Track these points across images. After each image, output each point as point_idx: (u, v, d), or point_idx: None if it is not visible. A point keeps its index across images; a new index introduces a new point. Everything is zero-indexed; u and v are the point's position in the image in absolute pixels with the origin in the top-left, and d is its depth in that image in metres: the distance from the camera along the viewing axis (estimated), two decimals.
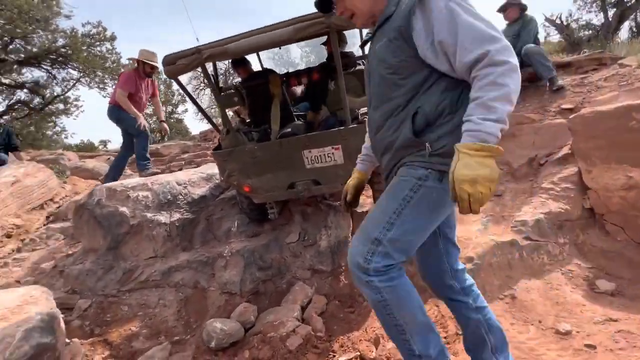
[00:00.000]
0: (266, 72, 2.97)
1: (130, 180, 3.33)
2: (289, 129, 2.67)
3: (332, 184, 2.55)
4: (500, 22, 4.90)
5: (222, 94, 2.85)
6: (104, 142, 16.40)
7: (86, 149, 14.00)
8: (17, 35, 6.38)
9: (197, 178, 3.39)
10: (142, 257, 2.96)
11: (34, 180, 4.30)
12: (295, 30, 1.86)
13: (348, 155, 2.37)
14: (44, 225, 4.09)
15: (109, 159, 9.92)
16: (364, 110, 2.46)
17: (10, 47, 6.65)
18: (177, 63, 2.07)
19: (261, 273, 2.76)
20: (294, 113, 3.23)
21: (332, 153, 2.38)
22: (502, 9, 4.24)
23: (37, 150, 9.18)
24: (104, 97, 9.29)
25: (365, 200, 3.56)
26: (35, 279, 3.05)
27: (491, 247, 2.22)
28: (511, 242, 2.25)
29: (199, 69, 2.95)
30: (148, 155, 3.81)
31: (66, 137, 10.15)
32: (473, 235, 2.50)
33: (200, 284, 2.87)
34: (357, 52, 4.20)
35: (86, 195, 3.25)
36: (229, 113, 3.79)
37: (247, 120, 3.17)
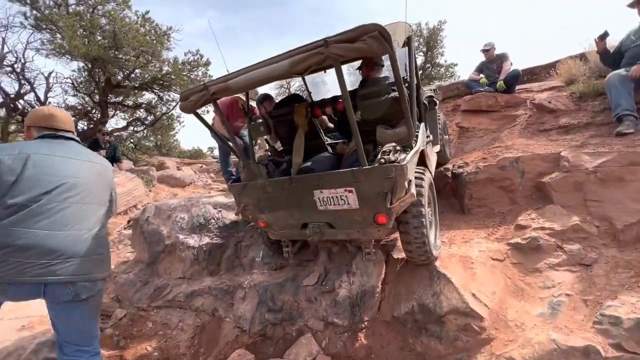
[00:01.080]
0: (294, 100, 2.83)
1: (176, 200, 3.59)
2: (309, 163, 2.45)
3: (347, 230, 2.22)
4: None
5: (251, 123, 2.82)
6: (211, 149, 18.93)
7: (195, 156, 16.43)
8: (137, 67, 7.83)
9: (234, 202, 3.44)
10: (173, 276, 3.12)
11: (122, 189, 5.07)
12: (290, 64, 1.66)
13: (363, 200, 2.02)
14: (124, 229, 4.77)
15: (201, 166, 11.35)
16: (387, 147, 2.07)
17: (132, 76, 8.21)
18: (189, 99, 2.08)
19: (270, 315, 2.58)
20: (328, 143, 3.00)
21: (346, 196, 2.06)
22: (636, 3, 3.17)
23: (150, 158, 11.03)
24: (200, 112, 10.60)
25: None
26: None
27: (550, 351, 1.56)
28: (586, 350, 1.54)
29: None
30: (230, 169, 4.50)
31: (172, 148, 11.98)
32: (529, 322, 1.83)
33: (218, 312, 2.84)
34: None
35: (141, 210, 3.63)
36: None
37: (280, 149, 3.08)
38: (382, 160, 1.91)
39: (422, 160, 2.58)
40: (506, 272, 2.29)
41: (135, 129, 9.94)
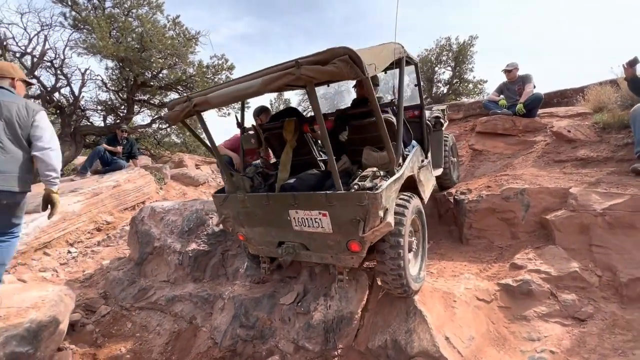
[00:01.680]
0: (290, 113, 2.79)
1: (171, 202, 3.65)
2: (293, 180, 2.40)
3: (321, 253, 2.14)
4: None
5: (243, 133, 2.82)
6: None
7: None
8: (164, 67, 8.17)
9: None
10: (158, 279, 3.15)
11: (132, 185, 5.25)
12: (263, 82, 1.63)
13: (337, 225, 1.94)
14: (128, 224, 4.92)
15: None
16: (367, 172, 1.98)
17: (159, 76, 8.57)
18: (174, 109, 2.10)
19: (242, 331, 2.53)
20: (320, 159, 2.94)
21: (320, 219, 1.99)
22: None
23: (172, 154, 11.38)
24: (220, 116, 10.87)
25: None
26: (93, 273, 3.63)
27: None
28: None
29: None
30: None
31: (197, 146, 12.32)
32: None
33: (196, 320, 2.83)
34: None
35: (139, 210, 3.72)
36: None
37: (273, 162, 3.05)
38: (356, 187, 1.83)
39: (412, 186, 2.46)
40: (491, 315, 2.11)
41: (160, 126, 10.35)
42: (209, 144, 2.38)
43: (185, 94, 2.04)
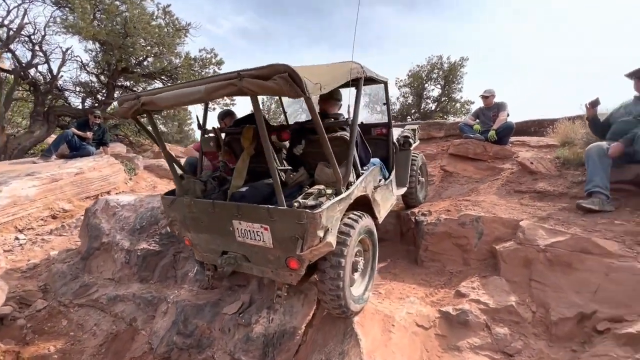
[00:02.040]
0: (251, 120, 2.74)
1: (128, 197, 3.53)
2: (245, 189, 2.34)
3: (262, 267, 2.09)
4: None
5: (204, 135, 2.76)
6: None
7: None
8: (149, 55, 7.99)
9: None
10: (103, 276, 3.03)
11: (98, 174, 5.07)
12: (206, 90, 1.58)
13: (277, 240, 1.90)
14: None
15: None
16: (314, 189, 1.96)
17: (143, 64, 8.37)
18: (122, 105, 2.03)
19: (179, 338, 2.45)
20: (279, 169, 2.89)
21: (262, 232, 1.94)
22: (635, 75, 2.89)
23: (153, 144, 11.09)
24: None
25: None
26: (38, 263, 3.46)
27: None
28: None
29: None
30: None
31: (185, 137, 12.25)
32: None
33: (136, 322, 2.73)
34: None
35: (94, 202, 3.58)
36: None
37: (233, 167, 2.99)
38: (296, 204, 1.79)
39: (367, 204, 2.44)
40: (427, 343, 2.11)
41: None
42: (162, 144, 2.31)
43: (168, 85, 1.97)
